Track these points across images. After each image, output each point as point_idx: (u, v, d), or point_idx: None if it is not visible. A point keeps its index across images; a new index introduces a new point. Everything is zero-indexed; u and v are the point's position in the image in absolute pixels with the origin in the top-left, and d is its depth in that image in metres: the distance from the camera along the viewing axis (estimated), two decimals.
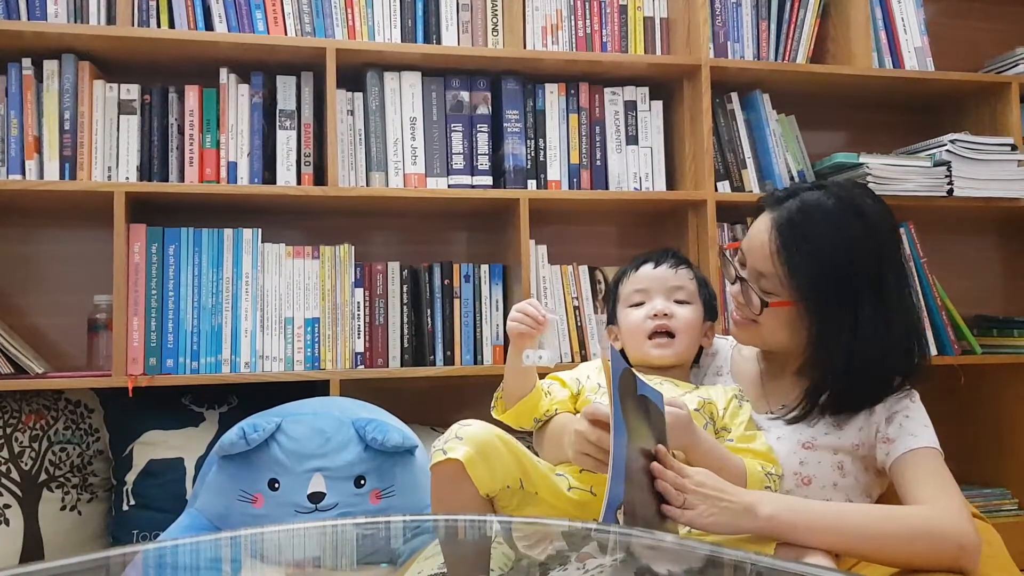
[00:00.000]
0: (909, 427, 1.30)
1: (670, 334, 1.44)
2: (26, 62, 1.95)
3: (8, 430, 1.86)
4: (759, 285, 1.34)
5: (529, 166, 2.18)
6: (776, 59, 2.32)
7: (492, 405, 1.47)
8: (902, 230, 2.22)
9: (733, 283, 1.40)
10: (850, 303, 1.28)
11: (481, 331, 2.11)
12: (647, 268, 1.48)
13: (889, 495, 1.40)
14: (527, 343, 1.36)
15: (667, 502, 1.13)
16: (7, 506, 1.82)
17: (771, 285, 1.32)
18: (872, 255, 1.30)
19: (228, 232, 1.99)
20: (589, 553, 0.93)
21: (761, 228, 1.34)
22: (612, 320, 1.55)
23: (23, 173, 1.94)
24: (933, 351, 2.21)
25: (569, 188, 2.20)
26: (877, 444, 1.32)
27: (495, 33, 2.19)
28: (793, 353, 1.39)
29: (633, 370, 1.15)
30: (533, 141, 2.19)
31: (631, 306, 1.48)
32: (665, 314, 1.43)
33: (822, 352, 1.32)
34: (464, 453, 1.22)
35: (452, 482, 1.24)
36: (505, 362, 1.45)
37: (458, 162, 2.14)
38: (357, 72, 2.12)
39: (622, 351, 1.53)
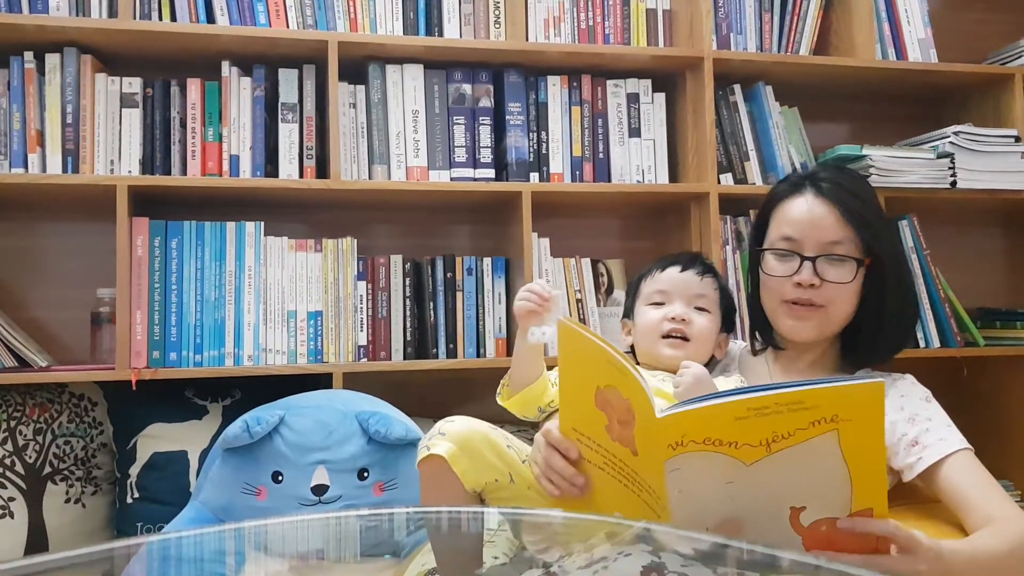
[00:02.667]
0: (936, 431, 1.32)
1: (685, 338, 1.42)
2: (28, 55, 1.95)
3: (12, 423, 1.87)
4: (836, 254, 1.38)
5: (531, 159, 2.17)
6: (779, 51, 2.32)
7: (498, 391, 1.44)
8: (905, 222, 2.22)
9: (795, 272, 1.38)
10: (902, 250, 1.41)
11: (484, 324, 2.11)
12: (673, 271, 1.45)
13: (899, 494, 1.41)
14: (534, 321, 1.33)
15: None
16: (12, 499, 1.83)
17: (846, 249, 1.37)
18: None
19: (231, 225, 1.99)
20: (595, 544, 0.93)
21: (813, 203, 1.39)
22: (628, 314, 1.53)
23: (25, 167, 1.94)
24: (936, 343, 2.20)
25: (571, 181, 2.19)
26: (900, 447, 1.32)
27: (497, 26, 2.18)
28: (827, 336, 1.42)
29: None
30: (535, 134, 2.18)
31: (650, 304, 1.46)
32: (683, 319, 1.41)
33: (891, 301, 1.39)
34: (447, 449, 1.22)
35: (438, 478, 1.24)
36: (510, 354, 1.44)
37: (460, 155, 2.14)
38: (359, 65, 2.11)
39: (631, 349, 1.53)
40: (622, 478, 1.05)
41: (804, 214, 1.39)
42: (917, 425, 1.33)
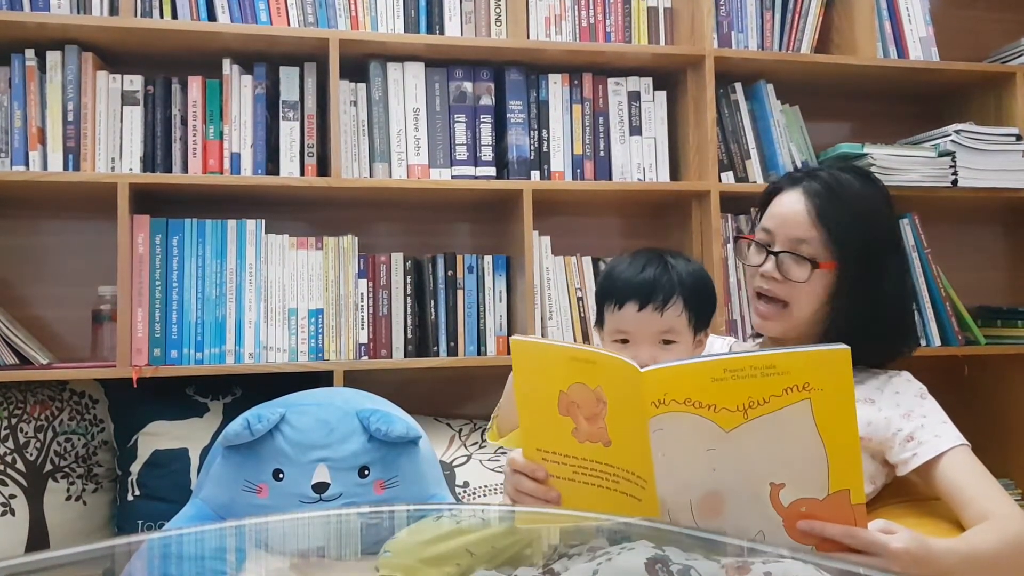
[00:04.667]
0: (931, 427, 1.32)
1: None
2: (29, 53, 1.95)
3: (13, 421, 1.87)
4: (799, 252, 1.38)
5: (532, 157, 2.17)
6: (780, 49, 2.32)
7: (488, 427, 1.41)
8: (906, 221, 2.22)
9: (762, 264, 1.40)
10: (880, 259, 1.39)
11: (485, 322, 2.11)
12: (631, 309, 1.30)
13: (898, 491, 1.41)
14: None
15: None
16: (12, 496, 1.83)
17: (811, 250, 1.37)
18: (889, 220, 1.45)
19: (232, 223, 1.99)
20: (598, 545, 0.93)
21: (794, 199, 1.40)
22: (600, 323, 1.42)
23: (27, 164, 1.94)
24: (937, 342, 2.21)
25: (572, 179, 2.19)
26: (895, 442, 1.32)
27: (498, 23, 2.18)
28: (794, 335, 1.41)
29: None
30: (536, 132, 2.18)
31: (615, 340, 1.35)
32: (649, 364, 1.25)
33: (854, 307, 1.37)
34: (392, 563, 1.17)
35: None
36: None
37: (461, 153, 2.14)
38: (360, 63, 2.11)
39: None
40: (595, 479, 1.06)
41: (782, 208, 1.41)
42: (912, 421, 1.33)
